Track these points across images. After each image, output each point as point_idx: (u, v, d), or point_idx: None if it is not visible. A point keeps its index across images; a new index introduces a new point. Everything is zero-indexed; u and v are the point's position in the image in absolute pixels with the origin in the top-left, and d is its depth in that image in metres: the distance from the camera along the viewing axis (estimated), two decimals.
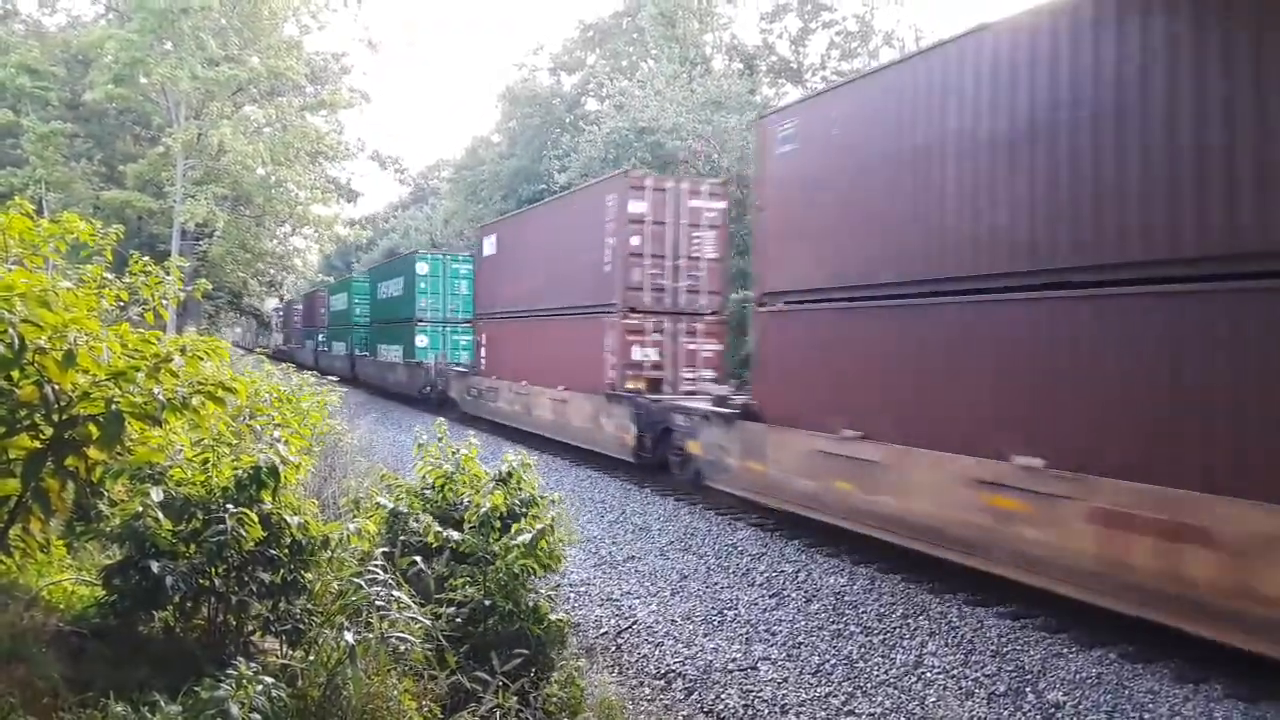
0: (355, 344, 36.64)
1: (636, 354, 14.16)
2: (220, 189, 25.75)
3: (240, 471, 4.56)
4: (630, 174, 15.23)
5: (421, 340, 27.10)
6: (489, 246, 21.40)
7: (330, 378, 13.51)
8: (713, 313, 14.89)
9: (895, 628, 7.29)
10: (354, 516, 6.15)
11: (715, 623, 7.70)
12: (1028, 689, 6.05)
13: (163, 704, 3.52)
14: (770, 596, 8.30)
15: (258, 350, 22.31)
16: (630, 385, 14.02)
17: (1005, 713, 5.80)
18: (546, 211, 19.55)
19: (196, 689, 3.57)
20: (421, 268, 28.03)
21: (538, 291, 17.86)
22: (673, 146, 28.01)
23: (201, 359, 4.31)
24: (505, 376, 19.36)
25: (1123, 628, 6.70)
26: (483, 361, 21.36)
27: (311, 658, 4.29)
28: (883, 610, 7.67)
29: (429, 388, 25.33)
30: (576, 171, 32.16)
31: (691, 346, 14.63)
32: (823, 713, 5.96)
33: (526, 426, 17.93)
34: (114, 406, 3.85)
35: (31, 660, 3.92)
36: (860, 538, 8.98)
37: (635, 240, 14.20)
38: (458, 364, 24.79)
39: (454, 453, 7.27)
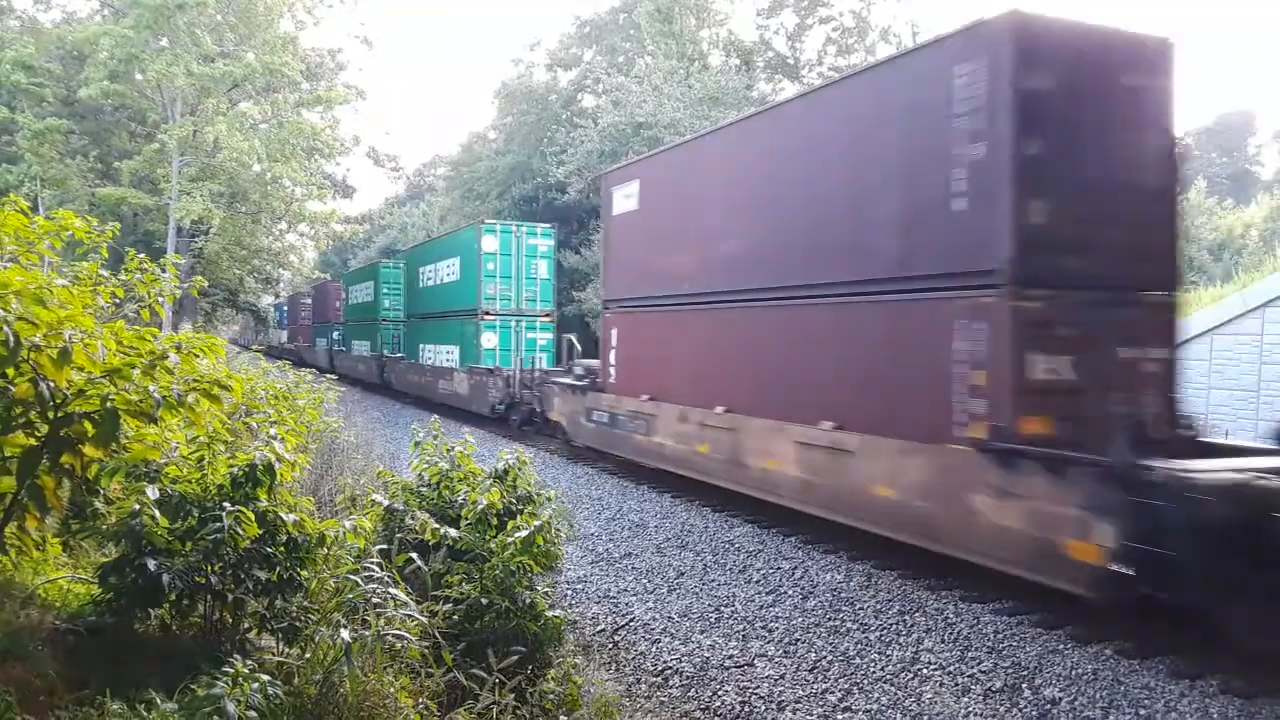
0: (384, 344, 31.32)
1: (1041, 369, 7.14)
2: (216, 186, 25.68)
3: (236, 469, 4.56)
4: (1018, 12, 7.19)
5: (489, 340, 21.01)
6: (624, 199, 14.19)
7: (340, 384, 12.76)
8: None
9: (892, 624, 7.30)
10: (350, 514, 6.15)
11: (712, 620, 7.71)
12: (1024, 685, 6.06)
13: (159, 702, 3.52)
14: (767, 593, 8.31)
15: (254, 348, 19.65)
16: (1032, 428, 7.07)
17: (1001, 709, 5.81)
18: (766, 123, 11.17)
19: (193, 687, 3.57)
20: (488, 243, 21.07)
21: (750, 259, 10.75)
22: (670, 141, 28.01)
23: (197, 356, 4.30)
24: (668, 397, 12.52)
25: (1120, 624, 6.72)
26: (613, 371, 14.41)
27: (308, 655, 4.28)
28: (879, 607, 7.68)
29: (505, 403, 19.46)
30: (574, 166, 32.16)
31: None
32: (819, 709, 5.97)
33: (725, 481, 11.23)
34: (109, 404, 3.84)
35: (28, 658, 3.92)
36: (859, 537, 9.03)
37: (1036, 147, 7.09)
38: (570, 376, 16.73)
39: (449, 450, 7.27)
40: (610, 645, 7.19)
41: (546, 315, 21.86)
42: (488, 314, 21.06)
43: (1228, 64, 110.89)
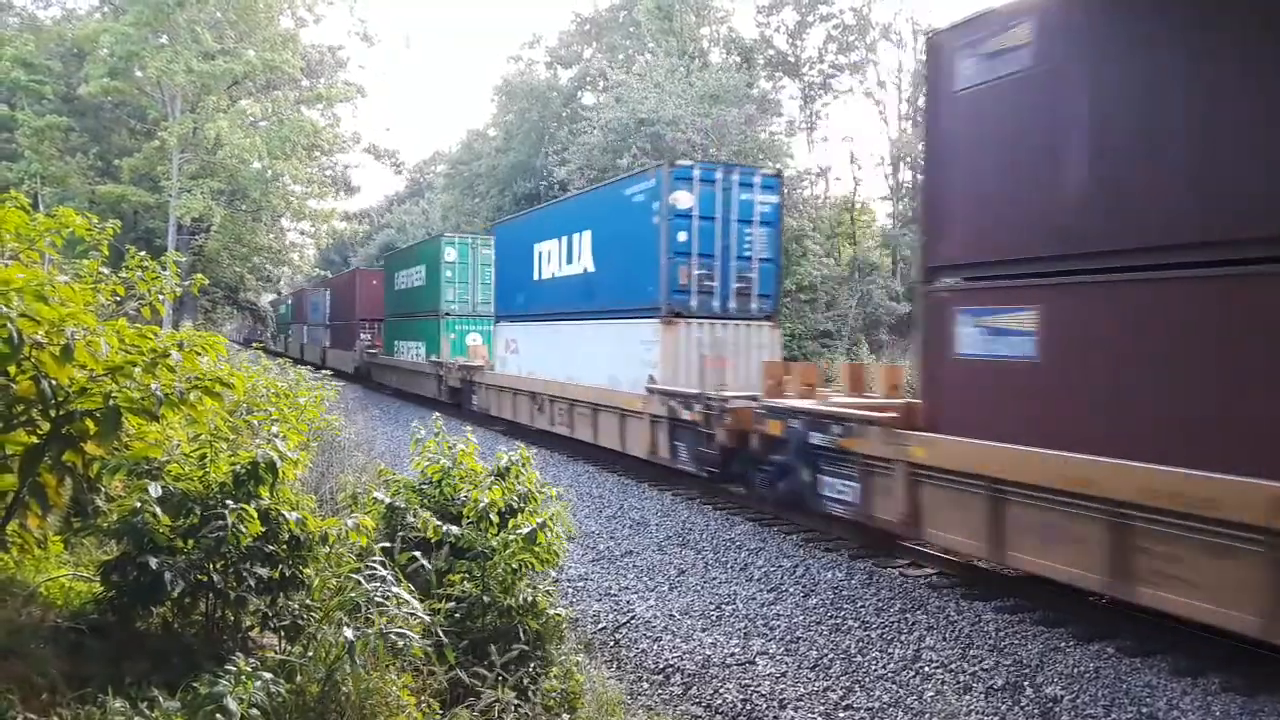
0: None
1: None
2: (216, 183, 25.69)
3: (238, 467, 4.55)
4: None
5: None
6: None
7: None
8: None
9: (893, 622, 7.30)
10: (352, 512, 6.15)
11: (713, 617, 7.70)
12: (1026, 683, 6.06)
13: (161, 700, 3.51)
14: (768, 591, 8.31)
15: (254, 345, 18.69)
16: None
17: (1003, 707, 5.81)
18: None
19: (195, 685, 3.56)
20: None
21: None
22: (673, 138, 28.01)
23: (199, 354, 4.30)
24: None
25: (1121, 622, 6.72)
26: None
27: (310, 653, 4.27)
28: (881, 605, 7.68)
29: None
30: (577, 164, 32.13)
31: None
32: (821, 707, 5.96)
33: None
34: (111, 402, 3.84)
35: (29, 656, 3.91)
36: (860, 535, 9.02)
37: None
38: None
39: (450, 448, 7.26)
40: (612, 643, 7.19)
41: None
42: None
43: None
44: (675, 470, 12.41)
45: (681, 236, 12.86)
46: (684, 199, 12.87)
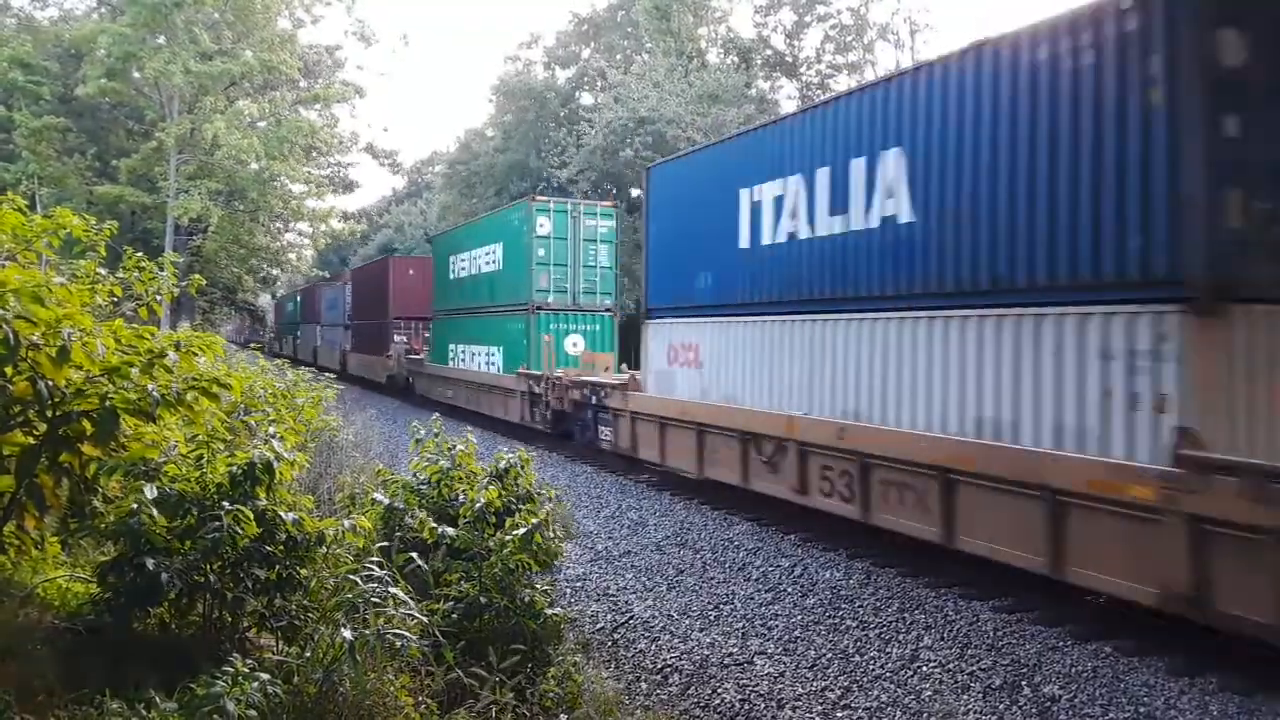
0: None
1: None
2: (214, 183, 25.67)
3: (235, 468, 4.54)
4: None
5: None
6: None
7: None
8: None
9: (891, 622, 7.30)
10: (350, 512, 6.14)
11: (711, 617, 7.70)
12: (1024, 683, 6.06)
13: (158, 701, 3.51)
14: (766, 591, 8.31)
15: (251, 346, 19.36)
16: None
17: (1001, 706, 5.81)
18: None
19: (192, 686, 3.56)
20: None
21: None
22: (673, 136, 28.03)
23: (196, 355, 4.30)
24: None
25: (1120, 621, 6.72)
26: None
27: (308, 654, 4.27)
28: (879, 604, 7.68)
29: None
30: (577, 168, 32.10)
31: None
32: (819, 706, 5.96)
33: None
34: (108, 402, 3.84)
35: (26, 657, 3.91)
36: (859, 535, 9.02)
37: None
38: None
39: (449, 448, 7.26)
40: (610, 643, 7.19)
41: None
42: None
43: None
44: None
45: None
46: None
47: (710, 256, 11.58)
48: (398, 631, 4.32)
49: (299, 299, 47.13)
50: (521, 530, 5.75)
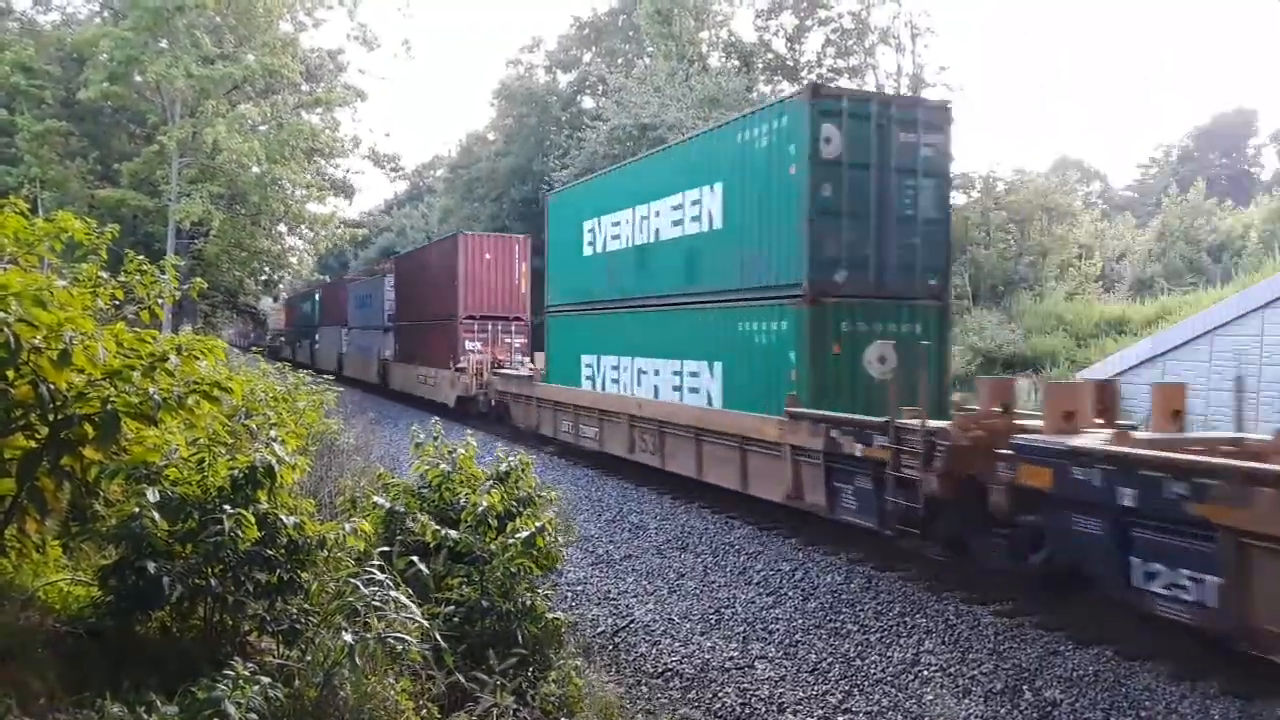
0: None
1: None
2: (216, 187, 25.66)
3: (236, 471, 4.55)
4: None
5: None
6: None
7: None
8: None
9: (892, 626, 7.29)
10: (351, 516, 6.14)
11: (712, 621, 7.70)
12: (1025, 687, 6.06)
13: (159, 704, 3.51)
14: (767, 595, 8.30)
15: (253, 350, 18.29)
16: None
17: (1002, 710, 5.81)
18: None
19: (193, 689, 3.56)
20: None
21: None
22: (675, 141, 28.03)
23: (197, 358, 4.30)
24: None
25: (1120, 625, 6.71)
26: None
27: (308, 658, 4.27)
28: (880, 608, 7.67)
29: None
30: (578, 170, 32.12)
31: None
32: (820, 711, 5.96)
33: None
34: (110, 406, 3.84)
35: (28, 660, 3.91)
36: (860, 534, 9.02)
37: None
38: None
39: (450, 452, 7.27)
40: (611, 647, 7.18)
41: None
42: None
43: (1227, 64, 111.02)
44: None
45: None
46: None
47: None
48: (398, 635, 4.32)
49: (317, 298, 40.99)
50: (523, 534, 5.76)
